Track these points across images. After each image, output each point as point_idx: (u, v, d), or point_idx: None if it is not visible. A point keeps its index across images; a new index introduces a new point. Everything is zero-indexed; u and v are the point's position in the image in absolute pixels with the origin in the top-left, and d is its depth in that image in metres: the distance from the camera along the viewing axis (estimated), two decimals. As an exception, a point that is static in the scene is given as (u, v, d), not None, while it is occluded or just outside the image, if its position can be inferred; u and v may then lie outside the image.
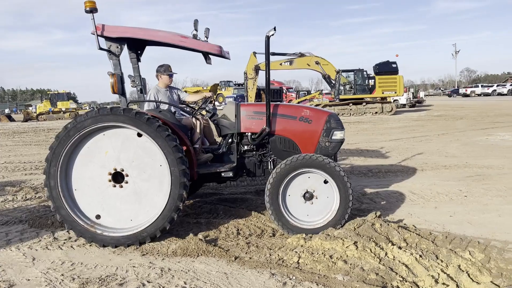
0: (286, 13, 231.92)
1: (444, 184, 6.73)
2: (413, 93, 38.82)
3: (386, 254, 3.82)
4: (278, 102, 6.03)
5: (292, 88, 54.01)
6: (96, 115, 4.27)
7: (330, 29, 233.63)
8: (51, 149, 4.29)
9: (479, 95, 60.12)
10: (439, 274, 3.44)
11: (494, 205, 5.50)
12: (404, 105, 33.98)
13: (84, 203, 4.42)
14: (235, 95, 36.35)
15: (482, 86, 64.98)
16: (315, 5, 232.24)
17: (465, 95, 61.35)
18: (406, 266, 3.61)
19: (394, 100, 30.64)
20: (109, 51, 4.82)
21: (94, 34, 4.54)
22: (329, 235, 4.23)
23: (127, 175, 4.40)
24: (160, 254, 4.13)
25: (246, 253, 4.12)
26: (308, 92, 44.08)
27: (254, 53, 22.73)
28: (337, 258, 3.78)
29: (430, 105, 39.41)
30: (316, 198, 4.58)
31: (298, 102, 28.53)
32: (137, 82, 5.33)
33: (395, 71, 26.37)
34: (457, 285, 3.29)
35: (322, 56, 24.93)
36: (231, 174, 5.01)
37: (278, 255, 3.98)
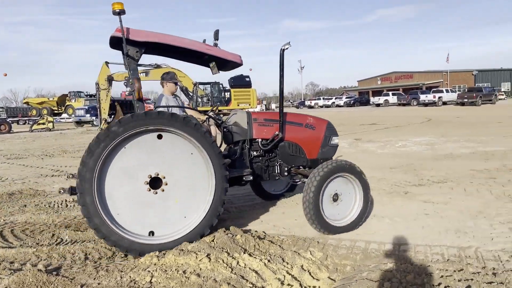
0: (142, 23, 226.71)
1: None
2: (265, 105, 41.72)
3: (238, 262, 3.95)
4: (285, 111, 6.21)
5: (150, 100, 52.64)
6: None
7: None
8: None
9: (321, 106, 67.35)
10: (284, 276, 3.70)
11: (332, 206, 6.15)
12: (258, 116, 36.10)
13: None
14: (86, 107, 33.78)
15: (323, 98, 73.16)
16: (170, 17, 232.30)
17: (310, 107, 67.88)
18: (256, 272, 3.79)
19: (249, 112, 32.38)
20: (129, 55, 4.57)
21: (122, 37, 4.25)
22: (183, 250, 4.20)
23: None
24: (-12, 293, 3.58)
25: (95, 278, 3.82)
26: (166, 104, 43.53)
27: (107, 63, 21.42)
28: (190, 272, 3.78)
29: (281, 116, 42.57)
30: (341, 200, 4.96)
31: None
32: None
33: (248, 85, 27.94)
34: (300, 284, 3.57)
35: (179, 68, 24.92)
36: (251, 177, 5.20)
37: (130, 276, 3.80)
